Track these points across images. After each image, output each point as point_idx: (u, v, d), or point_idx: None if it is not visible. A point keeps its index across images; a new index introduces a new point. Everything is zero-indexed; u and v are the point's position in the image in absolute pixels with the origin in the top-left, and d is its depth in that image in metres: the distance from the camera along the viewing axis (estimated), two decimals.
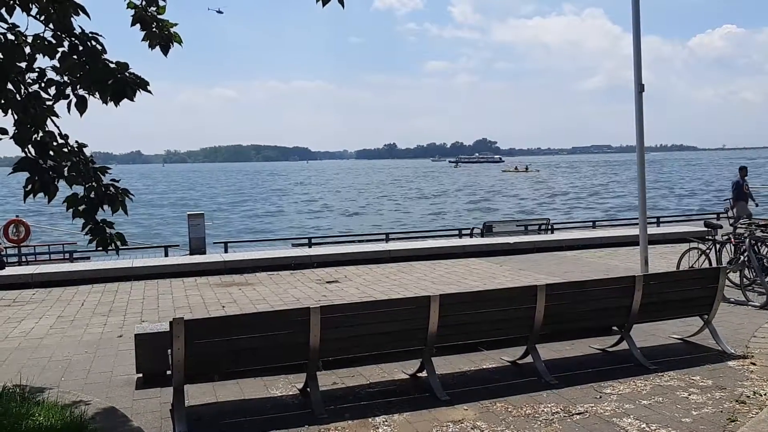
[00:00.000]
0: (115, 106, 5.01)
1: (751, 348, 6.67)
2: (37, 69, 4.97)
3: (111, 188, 5.20)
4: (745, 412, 4.94)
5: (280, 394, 5.65)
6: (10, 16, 4.90)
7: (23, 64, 4.86)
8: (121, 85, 4.92)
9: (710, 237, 10.15)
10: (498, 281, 10.97)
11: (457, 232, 20.62)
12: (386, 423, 4.91)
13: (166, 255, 15.72)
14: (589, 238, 15.65)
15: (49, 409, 4.90)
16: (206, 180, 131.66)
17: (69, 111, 4.99)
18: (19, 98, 4.81)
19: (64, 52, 4.94)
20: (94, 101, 4.99)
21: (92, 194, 5.14)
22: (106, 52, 5.01)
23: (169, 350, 5.01)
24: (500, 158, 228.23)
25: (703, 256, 9.71)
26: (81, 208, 5.12)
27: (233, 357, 5.17)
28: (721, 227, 10.37)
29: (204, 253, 15.53)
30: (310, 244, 17.83)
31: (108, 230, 5.31)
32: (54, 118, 5.05)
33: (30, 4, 4.90)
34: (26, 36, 4.93)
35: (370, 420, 4.98)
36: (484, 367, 6.30)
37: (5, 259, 14.62)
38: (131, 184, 7.40)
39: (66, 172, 4.98)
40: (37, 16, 4.99)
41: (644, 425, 4.75)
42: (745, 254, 9.15)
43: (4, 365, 6.72)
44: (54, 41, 4.96)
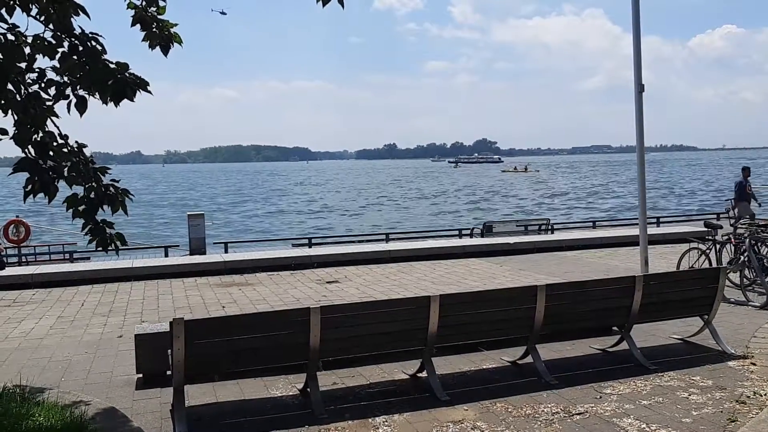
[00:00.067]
0: (115, 106, 5.02)
1: (751, 348, 6.67)
2: (37, 69, 4.97)
3: (111, 188, 5.20)
4: (745, 413, 4.93)
5: (280, 395, 5.65)
6: (10, 17, 4.91)
7: (23, 65, 4.86)
8: (121, 85, 4.93)
9: (710, 237, 10.15)
10: (498, 281, 10.97)
11: (457, 233, 20.64)
12: (386, 423, 4.91)
13: (166, 255, 15.75)
14: (589, 239, 15.66)
15: (49, 410, 4.90)
16: (206, 180, 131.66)
17: (69, 111, 4.99)
18: (19, 98, 4.81)
19: (64, 52, 4.95)
20: (94, 101, 5.00)
21: (92, 194, 5.14)
22: (106, 53, 5.02)
23: (169, 350, 5.02)
24: (499, 158, 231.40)
25: (703, 257, 9.71)
26: (81, 208, 5.12)
27: (233, 357, 5.17)
28: (721, 227, 10.37)
29: (204, 253, 15.55)
30: (310, 245, 17.84)
31: (108, 230, 5.31)
32: (54, 118, 5.05)
33: (30, 5, 4.90)
34: (26, 36, 4.93)
35: (370, 420, 4.98)
36: (484, 367, 6.30)
37: (5, 259, 14.62)
38: (131, 184, 7.40)
39: (66, 173, 4.98)
40: (37, 17, 4.99)
41: (644, 425, 4.75)
42: (746, 254, 9.15)
43: (4, 365, 6.72)
44: (54, 41, 4.96)
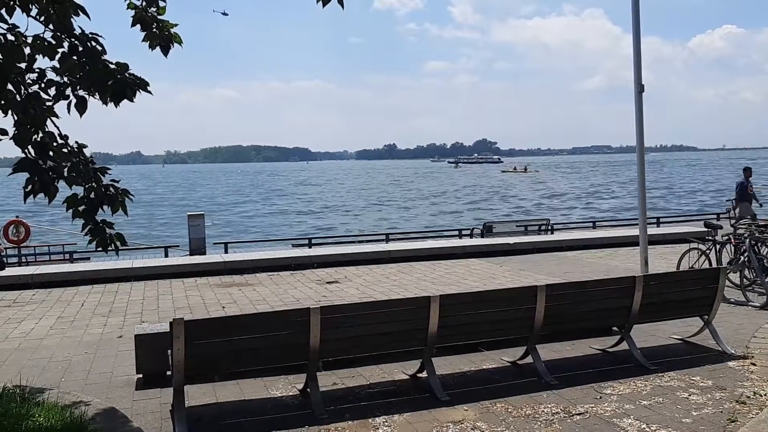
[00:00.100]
0: (115, 106, 5.02)
1: (752, 348, 6.66)
2: (37, 70, 4.97)
3: (111, 189, 5.20)
4: (745, 413, 4.93)
5: (280, 395, 5.65)
6: (10, 17, 4.90)
7: (23, 65, 4.86)
8: (120, 85, 4.93)
9: (710, 237, 10.15)
10: (498, 282, 10.97)
11: (457, 233, 20.63)
12: (386, 423, 4.91)
13: (166, 255, 15.76)
14: (589, 239, 15.66)
15: (49, 410, 4.90)
16: (206, 180, 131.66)
17: (69, 112, 4.99)
18: (19, 99, 4.81)
19: (64, 52, 4.95)
20: (94, 102, 5.00)
21: (92, 195, 5.13)
22: (106, 53, 5.02)
23: (169, 351, 5.01)
24: (499, 159, 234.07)
25: (703, 257, 9.71)
26: (81, 208, 5.12)
27: (233, 357, 5.17)
28: (721, 228, 10.37)
29: (204, 253, 15.55)
30: (310, 245, 17.84)
31: (108, 231, 5.31)
32: (54, 118, 5.05)
33: (30, 5, 4.90)
34: (26, 37, 4.93)
35: (370, 420, 4.97)
36: (485, 367, 6.30)
37: (5, 259, 14.62)
38: (131, 184, 7.40)
39: (66, 173, 4.98)
40: (37, 17, 4.99)
41: (644, 426, 4.75)
42: (745, 255, 9.15)
43: (4, 366, 6.72)
44: (54, 42, 4.96)
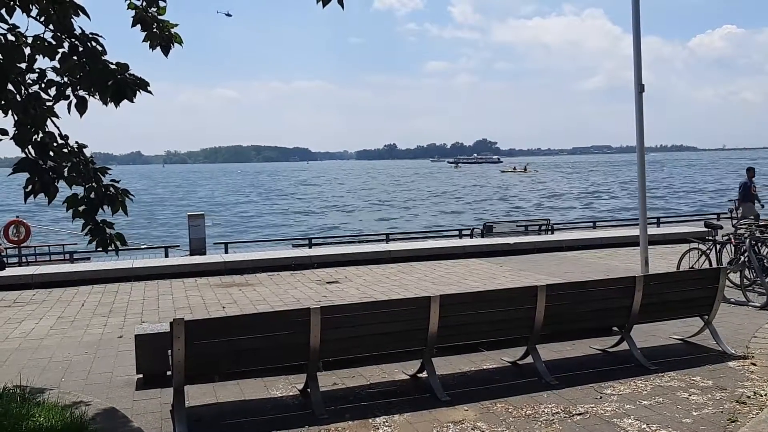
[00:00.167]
0: (115, 106, 5.02)
1: (752, 348, 6.66)
2: (37, 70, 4.97)
3: (111, 189, 5.20)
4: (745, 413, 4.93)
5: (280, 395, 5.65)
6: (10, 17, 4.91)
7: (23, 65, 4.86)
8: (121, 85, 4.92)
9: (710, 237, 10.15)
10: (498, 282, 10.97)
11: (457, 233, 20.64)
12: (387, 423, 4.90)
13: (167, 256, 15.77)
14: (589, 239, 15.65)
15: (50, 410, 4.90)
16: (207, 180, 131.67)
17: (69, 112, 4.99)
18: (19, 99, 4.81)
19: (64, 52, 4.95)
20: (94, 102, 5.00)
21: (92, 195, 5.13)
22: (106, 53, 5.02)
23: (170, 351, 5.01)
24: (499, 159, 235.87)
25: (704, 257, 9.71)
26: (81, 208, 5.12)
27: (233, 357, 5.17)
28: (721, 228, 10.37)
29: (204, 253, 15.55)
30: (311, 245, 17.86)
31: (108, 231, 5.31)
32: (54, 118, 5.05)
33: (30, 5, 4.90)
34: (26, 37, 4.92)
35: (370, 420, 4.97)
36: (485, 367, 6.30)
37: (5, 259, 14.62)
38: (131, 184, 7.40)
39: (66, 173, 4.98)
40: (37, 17, 4.99)
41: (645, 426, 4.75)
42: (746, 255, 9.14)
43: (4, 366, 6.72)
44: (54, 42, 4.96)
